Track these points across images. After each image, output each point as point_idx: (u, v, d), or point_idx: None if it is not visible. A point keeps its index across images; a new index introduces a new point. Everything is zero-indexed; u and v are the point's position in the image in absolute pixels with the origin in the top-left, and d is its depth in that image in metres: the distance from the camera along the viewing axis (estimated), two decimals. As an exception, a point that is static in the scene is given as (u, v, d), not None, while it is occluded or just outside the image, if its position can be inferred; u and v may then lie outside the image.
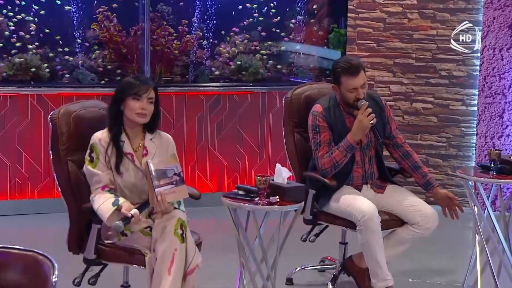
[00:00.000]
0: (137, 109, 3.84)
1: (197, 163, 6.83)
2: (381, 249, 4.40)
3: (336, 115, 4.53)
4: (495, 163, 4.50)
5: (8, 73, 6.59)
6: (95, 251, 3.80)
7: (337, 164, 4.45)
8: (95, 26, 6.80)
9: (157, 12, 6.89)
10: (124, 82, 3.99)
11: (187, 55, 6.97)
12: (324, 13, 7.18)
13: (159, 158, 3.91)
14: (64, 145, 3.95)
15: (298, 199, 4.01)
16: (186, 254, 3.69)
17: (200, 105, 6.79)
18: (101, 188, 3.80)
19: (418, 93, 6.88)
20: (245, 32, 7.09)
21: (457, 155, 6.81)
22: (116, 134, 3.87)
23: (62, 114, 3.99)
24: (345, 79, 4.47)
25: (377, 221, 4.38)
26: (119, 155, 3.85)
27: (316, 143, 4.52)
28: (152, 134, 3.98)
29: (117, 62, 6.86)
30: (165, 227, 3.68)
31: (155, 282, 3.66)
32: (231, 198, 3.99)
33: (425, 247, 5.37)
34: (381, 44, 6.90)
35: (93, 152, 3.84)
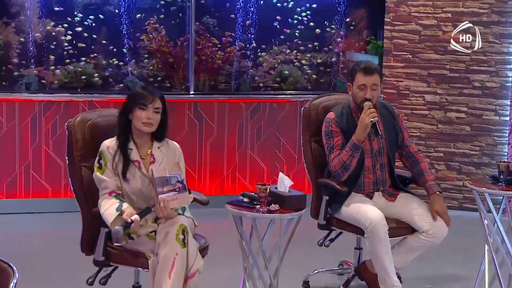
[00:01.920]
0: (143, 119, 3.78)
1: (238, 167, 6.77)
2: (389, 256, 4.24)
3: (348, 120, 4.41)
4: (504, 174, 4.29)
5: (64, 80, 6.66)
6: (103, 253, 3.75)
7: (345, 165, 4.31)
8: (145, 37, 6.79)
9: (203, 25, 6.84)
10: (132, 93, 3.92)
11: (230, 65, 6.90)
12: (363, 26, 7.04)
13: (165, 165, 3.82)
14: (78, 151, 3.91)
15: (298, 207, 3.89)
16: (187, 259, 3.60)
17: (240, 112, 6.72)
18: (108, 193, 3.74)
19: (451, 103, 6.67)
20: (286, 43, 6.96)
21: (490, 163, 6.55)
22: (124, 142, 3.81)
23: (78, 122, 3.95)
24: (358, 76, 4.37)
25: (384, 229, 4.21)
26: (126, 163, 3.79)
27: (329, 147, 4.41)
28: (159, 142, 3.91)
29: (165, 71, 6.83)
30: (168, 233, 3.61)
31: (156, 285, 3.59)
32: (235, 205, 3.90)
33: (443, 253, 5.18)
34: (416, 56, 6.73)
35: (102, 159, 3.79)
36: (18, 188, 6.35)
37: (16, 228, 6.05)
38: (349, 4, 6.96)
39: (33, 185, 6.36)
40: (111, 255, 3.76)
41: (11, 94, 6.40)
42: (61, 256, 5.22)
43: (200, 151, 6.70)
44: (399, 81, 6.78)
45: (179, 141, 6.46)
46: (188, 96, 6.73)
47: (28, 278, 4.86)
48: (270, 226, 3.97)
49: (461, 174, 6.63)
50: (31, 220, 6.11)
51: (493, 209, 4.31)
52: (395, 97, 6.80)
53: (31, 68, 6.62)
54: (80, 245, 3.91)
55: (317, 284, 4.77)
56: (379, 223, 4.19)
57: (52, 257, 5.23)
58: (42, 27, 6.62)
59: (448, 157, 6.70)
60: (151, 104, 3.78)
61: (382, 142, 4.46)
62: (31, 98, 6.40)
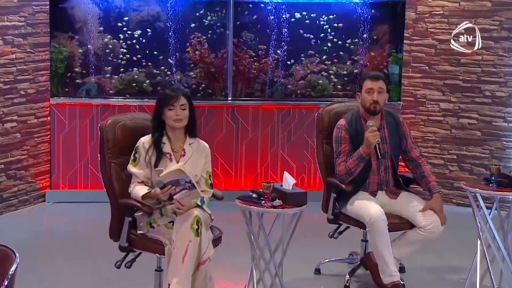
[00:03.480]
0: (173, 117, 3.82)
1: (270, 165, 6.75)
2: (387, 248, 4.22)
3: (358, 127, 4.38)
4: (495, 177, 4.20)
5: (118, 87, 6.71)
6: (127, 240, 3.80)
7: (350, 172, 4.28)
8: (190, 49, 6.80)
9: (241, 39, 6.83)
10: (159, 97, 3.95)
11: (265, 74, 6.87)
12: (385, 40, 6.93)
13: (193, 161, 3.87)
14: (109, 149, 3.94)
15: (299, 203, 3.85)
16: (200, 247, 3.62)
17: (273, 116, 6.70)
18: (137, 182, 3.82)
19: (464, 110, 6.55)
20: (315, 55, 6.91)
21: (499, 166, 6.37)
22: (157, 138, 3.86)
23: (109, 124, 3.98)
24: (366, 82, 4.39)
25: (384, 224, 4.19)
26: (158, 156, 3.82)
27: (337, 152, 4.39)
28: (192, 139, 3.93)
29: (206, 80, 6.84)
30: (183, 222, 3.64)
31: (171, 268, 3.63)
32: (243, 200, 3.87)
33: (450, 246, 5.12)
34: (432, 67, 6.62)
35: (137, 153, 3.85)
36: (78, 180, 6.47)
37: (75, 215, 6.20)
38: (373, 20, 6.85)
39: (91, 177, 6.46)
40: (134, 241, 3.81)
41: (73, 99, 6.50)
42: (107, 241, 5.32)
43: (236, 150, 6.71)
44: (416, 90, 6.68)
45: (218, 142, 6.62)
46: (226, 102, 6.73)
47: (77, 257, 5.04)
48: (277, 220, 3.93)
49: (473, 174, 6.49)
50: (89, 209, 6.21)
51: (484, 208, 4.21)
52: (413, 104, 6.71)
53: (90, 76, 6.69)
54: (109, 232, 3.96)
55: (328, 271, 4.78)
56: (379, 219, 4.17)
57: (101, 241, 5.35)
58: (101, 40, 6.69)
59: (460, 159, 6.58)
60: (177, 103, 3.81)
61: (387, 147, 4.42)
62: (90, 102, 6.50)
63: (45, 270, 4.79)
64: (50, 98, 6.38)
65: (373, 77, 4.37)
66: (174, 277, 3.55)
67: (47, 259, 5.01)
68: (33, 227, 5.85)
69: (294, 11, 6.84)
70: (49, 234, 5.81)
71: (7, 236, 5.48)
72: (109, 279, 4.47)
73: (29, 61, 6.13)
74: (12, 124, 6.01)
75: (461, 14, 6.43)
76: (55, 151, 6.43)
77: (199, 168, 3.88)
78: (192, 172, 3.77)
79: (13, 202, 6.11)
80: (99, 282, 4.53)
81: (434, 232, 4.26)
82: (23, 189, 6.20)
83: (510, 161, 6.40)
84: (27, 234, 5.57)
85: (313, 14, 6.86)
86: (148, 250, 3.79)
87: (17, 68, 6.02)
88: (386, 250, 4.18)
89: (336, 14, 6.87)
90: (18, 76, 6.03)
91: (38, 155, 6.32)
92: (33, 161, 6.28)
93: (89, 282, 4.57)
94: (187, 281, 3.55)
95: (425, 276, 4.80)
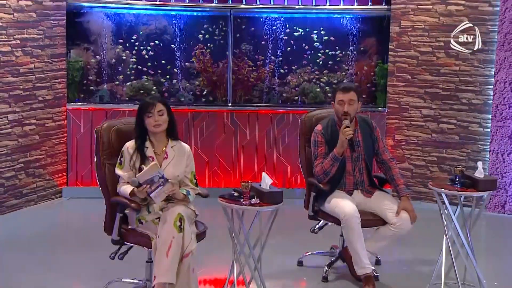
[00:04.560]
0: (152, 123, 3.84)
1: (266, 165, 6.78)
2: (360, 243, 4.24)
3: (332, 132, 4.41)
4: (459, 178, 4.20)
5: (129, 94, 6.77)
6: (118, 234, 3.84)
7: (326, 172, 4.31)
8: (194, 59, 6.85)
9: (241, 50, 6.86)
10: (139, 106, 3.95)
11: (262, 82, 6.90)
12: (372, 51, 6.93)
13: (176, 162, 3.87)
14: (104, 151, 3.96)
15: (275, 201, 3.84)
16: (183, 241, 3.64)
17: (269, 121, 6.72)
18: (123, 183, 3.85)
19: (443, 116, 6.54)
20: (308, 66, 6.93)
21: (475, 167, 6.33)
22: (140, 144, 3.87)
23: (104, 128, 4.00)
24: (337, 94, 4.39)
25: (357, 221, 4.21)
26: (142, 159, 3.84)
27: (314, 155, 4.42)
28: (174, 142, 3.93)
29: (209, 87, 6.88)
30: (168, 219, 3.67)
31: (156, 261, 3.66)
32: (225, 199, 3.86)
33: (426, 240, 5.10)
34: (415, 77, 6.61)
35: (122, 157, 3.88)
36: (92, 178, 6.50)
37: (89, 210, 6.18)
38: (361, 33, 6.87)
39: (103, 176, 6.53)
40: (124, 235, 3.85)
41: (87, 104, 6.58)
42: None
43: (235, 152, 6.75)
44: (400, 97, 6.69)
45: (219, 144, 6.67)
46: (227, 107, 6.76)
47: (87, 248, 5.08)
48: (257, 217, 3.93)
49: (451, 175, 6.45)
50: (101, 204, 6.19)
51: (449, 206, 4.20)
52: (397, 110, 6.71)
53: (104, 84, 6.77)
54: (103, 227, 3.99)
55: (309, 263, 4.79)
56: (352, 216, 4.20)
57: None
58: (113, 51, 6.76)
59: (440, 161, 6.58)
60: (154, 109, 3.82)
61: (360, 150, 4.44)
62: (103, 107, 6.57)
63: (60, 259, 4.86)
64: (67, 103, 6.46)
65: (344, 89, 4.35)
66: (159, 269, 3.58)
67: (63, 249, 5.08)
68: (51, 220, 5.91)
69: (289, 25, 6.87)
70: (65, 226, 5.87)
71: (27, 228, 5.59)
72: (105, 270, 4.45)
73: (47, 70, 6.21)
74: (31, 127, 6.10)
75: (441, 29, 6.43)
76: (71, 152, 6.51)
77: (182, 169, 3.89)
78: (175, 173, 3.80)
79: (32, 197, 6.20)
80: (97, 272, 4.51)
81: (403, 229, 4.29)
82: (42, 186, 6.29)
83: (485, 163, 6.38)
84: (45, 227, 5.66)
85: (307, 28, 6.89)
86: (137, 244, 3.83)
87: (36, 77, 6.10)
88: (359, 245, 4.21)
89: (327, 28, 6.89)
90: (36, 83, 6.11)
91: (55, 155, 6.41)
92: (51, 161, 6.37)
93: (89, 271, 4.58)
94: (171, 273, 3.57)
95: (399, 268, 4.80)
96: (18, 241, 5.26)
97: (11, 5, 5.78)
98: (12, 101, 5.88)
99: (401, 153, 6.74)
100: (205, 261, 4.51)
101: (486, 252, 5.27)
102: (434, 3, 6.44)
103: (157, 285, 3.58)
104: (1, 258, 4.86)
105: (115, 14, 6.72)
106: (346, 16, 6.85)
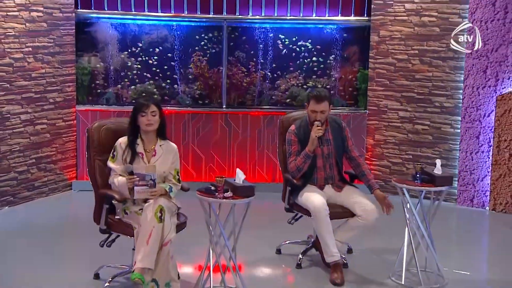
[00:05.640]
0: (145, 122, 3.87)
1: (257, 162, 6.81)
2: (329, 233, 4.26)
3: (305, 132, 4.43)
4: (419, 174, 4.23)
5: (133, 96, 6.82)
6: (105, 223, 3.87)
7: (299, 168, 4.35)
8: (192, 65, 6.89)
9: (234, 57, 6.90)
10: (134, 105, 3.98)
11: (254, 86, 6.94)
12: (354, 59, 6.94)
13: (163, 159, 3.89)
14: (94, 148, 4.00)
15: (247, 195, 3.83)
16: (163, 231, 3.66)
17: (259, 122, 6.76)
18: (115, 175, 3.88)
19: (418, 118, 6.55)
20: (296, 71, 6.96)
21: (446, 164, 6.41)
22: (132, 141, 3.90)
23: (95, 127, 4.02)
24: (311, 102, 4.37)
25: (325, 213, 4.23)
26: (133, 155, 3.87)
27: (288, 153, 4.45)
28: (162, 141, 3.95)
29: (205, 91, 6.92)
30: (149, 210, 3.69)
31: (137, 248, 3.68)
32: (202, 192, 3.85)
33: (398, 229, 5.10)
34: (392, 82, 6.63)
35: (115, 151, 3.90)
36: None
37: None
38: (344, 42, 6.89)
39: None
40: (111, 225, 3.88)
41: (95, 105, 6.64)
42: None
43: (229, 150, 6.80)
44: (379, 100, 6.71)
45: (214, 142, 6.73)
46: (221, 109, 6.80)
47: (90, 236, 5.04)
48: (233, 209, 3.90)
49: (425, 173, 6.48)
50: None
51: (410, 200, 4.23)
52: (376, 112, 6.73)
53: (110, 87, 6.82)
54: (93, 217, 4.02)
55: (287, 251, 4.82)
56: (320, 208, 4.22)
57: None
58: (119, 58, 6.80)
59: (415, 159, 6.58)
60: (148, 110, 3.85)
61: (331, 148, 4.45)
62: (109, 109, 6.63)
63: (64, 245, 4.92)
64: (76, 105, 6.53)
65: (317, 99, 4.31)
66: (139, 255, 3.61)
67: (71, 238, 5.15)
68: (61, 211, 5.97)
69: (278, 34, 6.91)
70: (74, 217, 5.92)
71: (38, 218, 5.65)
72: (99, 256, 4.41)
73: (57, 75, 6.29)
74: (42, 126, 6.18)
75: (415, 38, 6.45)
76: (80, 149, 6.58)
77: (167, 166, 3.92)
78: (161, 169, 3.84)
79: (44, 190, 6.27)
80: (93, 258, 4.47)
81: (369, 220, 4.30)
82: (53, 179, 6.37)
83: (455, 161, 6.40)
84: (56, 217, 5.71)
85: (295, 37, 6.91)
86: (122, 233, 3.85)
87: (46, 81, 6.18)
88: (328, 235, 4.23)
89: (314, 37, 6.91)
90: (47, 87, 6.19)
91: (65, 151, 6.49)
92: (61, 157, 6.44)
93: (87, 257, 4.60)
94: (150, 259, 3.60)
95: (369, 257, 4.82)
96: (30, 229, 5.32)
97: (23, 16, 5.86)
98: (24, 103, 5.96)
99: (380, 151, 6.77)
100: (187, 250, 4.53)
101: (451, 242, 5.30)
102: (409, 15, 6.45)
103: (136, 269, 3.60)
104: (13, 245, 4.93)
105: (121, 24, 6.78)
106: (331, 26, 6.87)
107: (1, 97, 5.72)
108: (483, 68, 6.10)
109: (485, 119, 6.14)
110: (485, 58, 6.07)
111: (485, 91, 6.12)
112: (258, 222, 5.13)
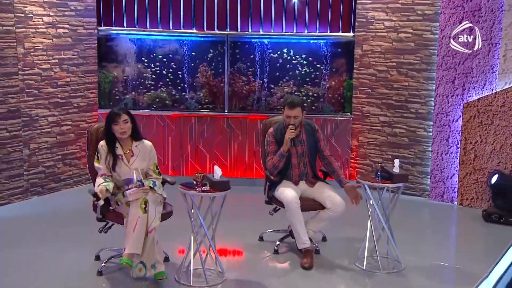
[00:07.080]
0: (119, 130, 3.85)
1: (255, 160, 6.88)
2: (300, 223, 4.31)
3: (282, 133, 4.49)
4: (380, 172, 4.27)
5: (147, 102, 6.94)
6: (100, 213, 3.92)
7: (276, 165, 4.42)
8: (199, 75, 6.98)
9: (236, 67, 6.98)
10: (107, 116, 3.95)
11: (253, 94, 7.01)
12: (342, 70, 6.97)
13: (141, 158, 3.88)
14: (93, 147, 4.05)
15: (223, 189, 3.86)
16: (147, 220, 3.69)
17: (257, 125, 6.82)
18: (101, 175, 3.88)
19: (396, 122, 6.56)
20: (291, 81, 7.01)
21: (421, 164, 6.43)
22: (111, 146, 3.88)
23: (94, 128, 4.08)
24: (286, 108, 4.42)
25: (296, 206, 4.29)
26: (114, 157, 3.86)
27: (267, 152, 4.52)
28: (137, 142, 3.94)
29: (210, 97, 7.01)
30: (135, 202, 3.73)
31: (126, 235, 3.72)
32: (184, 186, 3.88)
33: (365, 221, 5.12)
34: (374, 90, 6.65)
35: (99, 153, 3.90)
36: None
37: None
38: (333, 55, 6.93)
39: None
40: (105, 215, 3.93)
41: (114, 109, 6.78)
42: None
43: (230, 149, 6.88)
44: (363, 106, 6.74)
45: (217, 143, 6.83)
46: (224, 114, 6.88)
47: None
48: (212, 201, 3.95)
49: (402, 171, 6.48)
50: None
51: (371, 196, 4.28)
52: (360, 117, 6.76)
53: (127, 94, 6.95)
54: (92, 206, 4.10)
55: (268, 239, 4.89)
56: (292, 201, 4.28)
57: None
58: (135, 68, 6.92)
59: (394, 159, 6.56)
60: (120, 119, 3.83)
61: (304, 148, 4.51)
62: (127, 112, 6.76)
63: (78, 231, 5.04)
64: (98, 109, 6.68)
65: (291, 105, 4.35)
66: (127, 242, 3.67)
67: (83, 225, 5.23)
68: (84, 200, 6.01)
69: (275, 48, 6.96)
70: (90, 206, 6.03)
71: (65, 206, 5.77)
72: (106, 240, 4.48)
73: (81, 83, 6.45)
74: (67, 127, 6.35)
75: (394, 51, 6.47)
76: (101, 147, 6.73)
77: (146, 163, 3.93)
78: (140, 166, 3.88)
79: (69, 182, 6.44)
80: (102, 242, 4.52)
81: (337, 212, 4.34)
82: (77, 173, 6.53)
83: (428, 161, 6.40)
84: (79, 205, 5.77)
85: (289, 50, 6.95)
86: (114, 221, 3.92)
87: (71, 88, 6.35)
88: (299, 225, 4.29)
89: (306, 50, 6.95)
90: (72, 93, 6.36)
91: (88, 149, 6.65)
92: (85, 154, 6.57)
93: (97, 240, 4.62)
94: (137, 245, 3.65)
95: (340, 244, 4.85)
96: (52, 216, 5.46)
97: (51, 33, 6.04)
98: (51, 107, 6.14)
99: (363, 152, 6.80)
100: (173, 237, 4.53)
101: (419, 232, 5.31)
102: (388, 31, 6.48)
103: (125, 255, 3.67)
104: (39, 229, 5.04)
105: (137, 39, 6.91)
106: (321, 41, 6.91)
107: (30, 102, 5.91)
108: (452, 79, 6.10)
109: (454, 124, 6.14)
110: (453, 70, 6.07)
111: (453, 99, 6.11)
112: (251, 212, 5.14)
